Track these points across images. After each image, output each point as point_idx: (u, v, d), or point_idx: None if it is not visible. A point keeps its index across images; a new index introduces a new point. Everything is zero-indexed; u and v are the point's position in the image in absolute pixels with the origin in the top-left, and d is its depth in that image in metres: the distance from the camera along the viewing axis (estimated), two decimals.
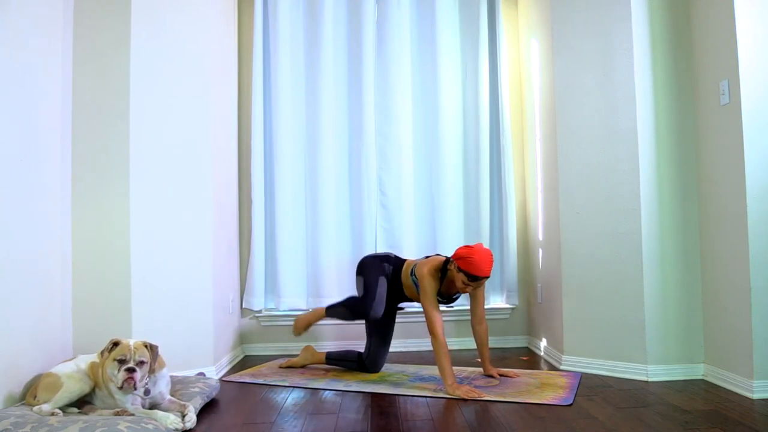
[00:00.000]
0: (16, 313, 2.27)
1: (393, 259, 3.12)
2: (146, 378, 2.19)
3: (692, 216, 2.89)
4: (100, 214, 2.71)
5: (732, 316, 2.61)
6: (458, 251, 2.74)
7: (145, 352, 2.17)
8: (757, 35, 2.53)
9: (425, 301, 2.78)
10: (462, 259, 2.69)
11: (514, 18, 3.96)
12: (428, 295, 2.78)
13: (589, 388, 2.68)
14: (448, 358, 2.66)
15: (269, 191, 3.76)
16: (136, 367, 2.12)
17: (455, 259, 2.73)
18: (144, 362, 2.15)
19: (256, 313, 3.74)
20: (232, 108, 3.64)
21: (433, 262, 2.84)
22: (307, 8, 3.81)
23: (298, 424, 2.23)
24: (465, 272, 2.68)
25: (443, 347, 2.66)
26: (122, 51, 2.75)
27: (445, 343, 2.67)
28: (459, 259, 2.70)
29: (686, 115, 2.91)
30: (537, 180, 3.60)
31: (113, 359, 2.14)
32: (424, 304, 2.79)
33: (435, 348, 2.68)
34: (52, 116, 2.57)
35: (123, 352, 2.14)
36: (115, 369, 2.13)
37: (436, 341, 2.67)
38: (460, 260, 2.69)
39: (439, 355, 2.65)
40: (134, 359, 2.13)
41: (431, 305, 2.75)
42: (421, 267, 2.85)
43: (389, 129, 3.79)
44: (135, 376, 2.11)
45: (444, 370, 2.63)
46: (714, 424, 2.09)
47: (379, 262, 3.08)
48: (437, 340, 2.67)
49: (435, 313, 2.73)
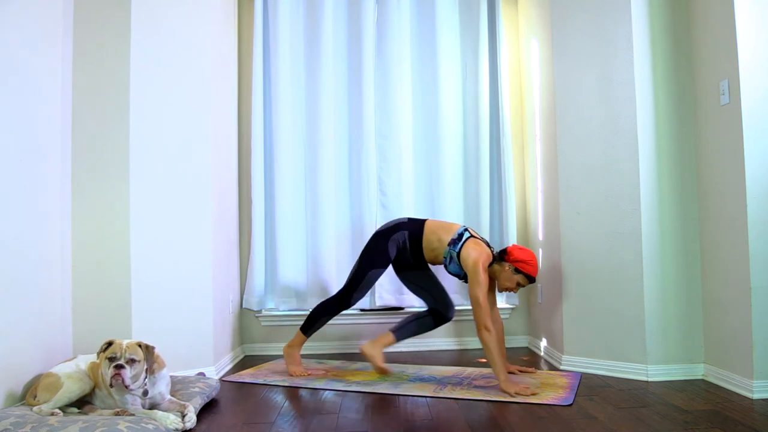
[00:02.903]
0: (16, 313, 2.27)
1: (406, 224, 3.02)
2: (144, 378, 2.19)
3: (692, 216, 2.89)
4: (100, 214, 2.71)
5: (732, 316, 2.61)
6: (516, 254, 2.83)
7: (138, 351, 2.16)
8: (757, 35, 2.53)
9: (480, 291, 2.68)
10: (523, 263, 2.82)
11: (514, 18, 3.96)
12: (483, 286, 2.70)
13: (589, 388, 2.68)
14: (500, 352, 2.65)
15: (269, 191, 3.76)
16: (126, 365, 2.11)
17: (514, 262, 2.82)
18: (135, 360, 2.14)
19: (256, 313, 3.74)
20: (232, 108, 3.64)
21: (484, 255, 2.78)
22: (307, 8, 3.81)
23: (298, 424, 2.23)
24: (526, 275, 2.84)
25: (496, 341, 2.64)
26: (122, 50, 2.75)
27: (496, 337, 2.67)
28: (519, 262, 2.82)
29: (686, 114, 2.91)
30: (537, 180, 3.60)
31: (105, 358, 2.14)
32: (477, 294, 2.68)
33: (487, 341, 2.62)
34: (52, 116, 2.57)
35: (114, 350, 2.14)
36: (107, 367, 2.13)
37: (489, 335, 2.62)
38: (521, 263, 2.82)
39: (495, 350, 2.61)
40: (124, 357, 2.12)
41: (484, 296, 2.69)
42: (472, 255, 2.76)
43: (389, 129, 3.79)
44: (123, 373, 2.09)
45: (497, 365, 2.62)
46: (714, 424, 2.09)
47: (384, 241, 2.98)
48: (490, 333, 2.62)
49: (486, 305, 2.68)
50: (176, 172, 2.91)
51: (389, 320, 3.73)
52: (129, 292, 2.71)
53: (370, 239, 3.06)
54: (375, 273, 2.98)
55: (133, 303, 2.72)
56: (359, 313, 3.77)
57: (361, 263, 3.00)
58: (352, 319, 3.75)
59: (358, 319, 3.75)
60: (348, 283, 3.01)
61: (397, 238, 2.98)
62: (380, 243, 3.00)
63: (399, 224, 3.03)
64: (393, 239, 2.99)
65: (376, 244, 3.01)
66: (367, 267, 2.98)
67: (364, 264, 2.99)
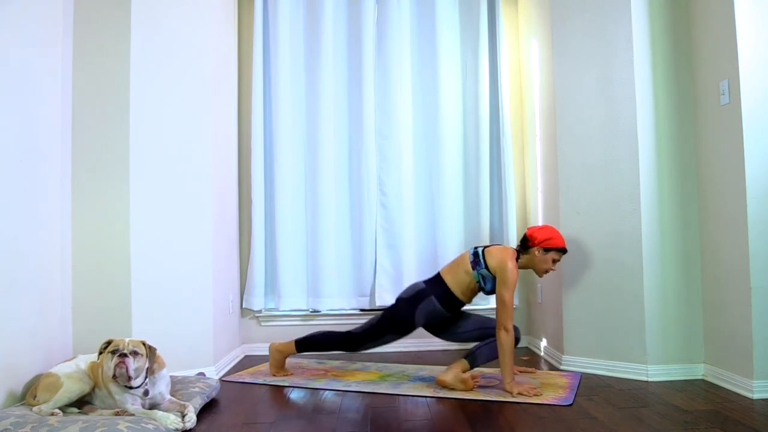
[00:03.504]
0: (16, 313, 2.27)
1: (428, 288, 2.83)
2: (145, 376, 2.20)
3: (692, 216, 2.89)
4: (100, 214, 2.71)
5: (732, 316, 2.61)
6: (537, 235, 2.79)
7: (140, 346, 2.18)
8: (757, 35, 2.53)
9: (507, 291, 2.66)
10: (547, 240, 2.77)
11: (514, 18, 3.96)
12: (511, 286, 2.68)
13: (589, 388, 2.68)
14: (512, 356, 2.64)
15: (269, 191, 3.76)
16: (129, 355, 2.12)
17: (539, 243, 2.78)
18: (138, 353, 2.15)
19: (256, 313, 3.74)
20: (232, 108, 3.64)
21: (509, 252, 2.77)
22: (307, 8, 3.81)
23: (298, 424, 2.23)
24: (555, 249, 2.79)
25: (512, 344, 2.63)
26: (122, 50, 2.75)
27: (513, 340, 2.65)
28: (544, 241, 2.78)
29: (686, 115, 2.91)
30: (537, 180, 3.60)
31: (108, 352, 2.16)
32: (504, 294, 2.65)
33: (505, 343, 2.60)
34: (52, 116, 2.57)
35: (117, 344, 2.16)
36: (109, 360, 2.14)
37: (509, 338, 2.61)
38: (546, 241, 2.78)
39: (508, 352, 2.61)
40: (128, 349, 2.14)
41: (512, 296, 2.67)
42: (498, 256, 2.73)
43: (389, 129, 3.79)
44: (126, 362, 2.10)
45: (507, 367, 2.61)
46: (714, 424, 2.09)
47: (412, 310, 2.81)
48: (510, 336, 2.62)
49: (511, 306, 2.66)
50: (176, 172, 2.91)
51: None
52: (129, 292, 2.71)
53: (396, 304, 2.88)
54: (392, 337, 2.86)
55: (133, 303, 2.72)
56: (359, 313, 3.77)
57: (382, 322, 2.86)
58: (352, 319, 3.74)
59: (359, 319, 3.75)
60: (362, 333, 2.87)
61: (426, 307, 2.80)
62: (407, 310, 2.82)
63: (422, 291, 2.84)
64: (421, 308, 2.80)
65: (403, 310, 2.83)
66: (388, 329, 2.84)
67: (386, 326, 2.84)
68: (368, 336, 2.86)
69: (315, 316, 3.76)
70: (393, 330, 2.84)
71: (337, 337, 2.92)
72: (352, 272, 3.78)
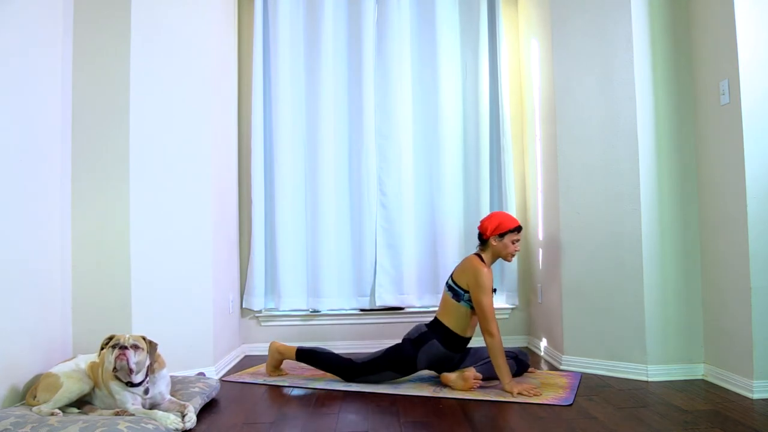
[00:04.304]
0: (16, 313, 2.27)
1: (430, 332, 2.81)
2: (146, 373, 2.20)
3: (692, 216, 2.89)
4: (100, 214, 2.71)
5: (732, 316, 2.61)
6: (487, 226, 2.83)
7: (141, 341, 2.19)
8: (757, 35, 2.53)
9: (483, 296, 2.67)
10: (497, 227, 2.81)
11: (514, 18, 3.96)
12: (487, 288, 2.69)
13: (589, 388, 2.68)
14: (504, 356, 2.65)
15: (269, 191, 3.76)
16: (130, 348, 2.13)
17: (492, 232, 2.81)
18: (139, 347, 2.16)
19: (256, 313, 3.74)
20: (232, 108, 3.64)
21: (470, 259, 2.80)
22: (307, 8, 3.81)
23: (298, 424, 2.23)
24: (509, 231, 2.82)
25: (501, 346, 2.64)
26: (122, 51, 2.75)
27: (501, 341, 2.66)
28: (495, 229, 2.81)
29: (686, 115, 2.91)
30: (537, 180, 3.60)
31: (109, 347, 2.17)
32: (481, 299, 2.67)
33: (493, 348, 2.63)
34: (52, 116, 2.57)
35: (117, 339, 2.17)
36: (110, 354, 2.15)
37: (494, 341, 2.63)
38: (496, 228, 2.81)
39: (499, 354, 2.62)
40: (128, 343, 2.15)
41: (491, 299, 2.68)
42: (464, 271, 2.76)
43: (389, 129, 3.79)
44: (127, 354, 2.11)
45: (502, 368, 2.62)
46: (714, 424, 2.09)
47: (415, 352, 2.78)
48: (495, 339, 2.63)
49: (493, 309, 2.68)
50: (176, 172, 2.91)
51: (389, 320, 3.74)
52: (129, 292, 2.71)
53: (402, 343, 2.85)
54: (392, 375, 2.82)
55: (133, 303, 2.72)
56: (359, 313, 3.77)
57: (385, 358, 2.81)
58: (353, 320, 3.75)
59: (359, 319, 3.75)
60: (363, 365, 2.83)
61: (429, 350, 2.78)
62: (410, 351, 2.79)
63: (424, 334, 2.82)
64: (423, 351, 2.78)
65: (406, 351, 2.80)
66: (388, 367, 2.80)
67: (389, 363, 2.80)
68: (369, 369, 2.82)
69: (315, 316, 3.76)
70: (394, 368, 2.81)
71: (338, 361, 2.88)
72: (352, 272, 3.78)
